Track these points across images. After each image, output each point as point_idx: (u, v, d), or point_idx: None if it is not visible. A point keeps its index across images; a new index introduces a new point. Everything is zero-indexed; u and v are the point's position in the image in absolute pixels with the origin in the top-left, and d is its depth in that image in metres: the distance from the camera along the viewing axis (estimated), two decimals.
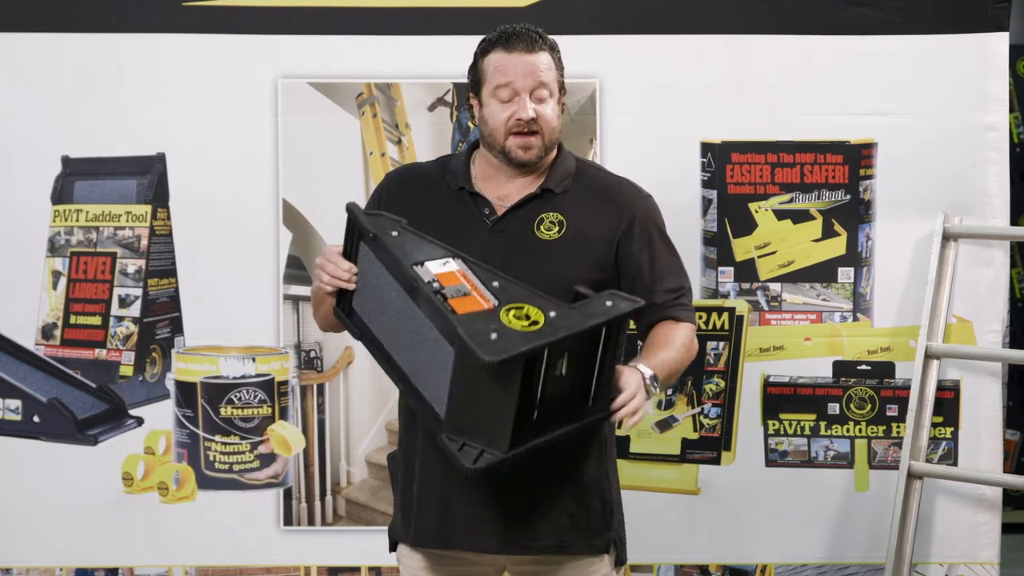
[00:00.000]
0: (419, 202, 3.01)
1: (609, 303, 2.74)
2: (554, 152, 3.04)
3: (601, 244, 2.96)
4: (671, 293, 3.00)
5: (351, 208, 2.89)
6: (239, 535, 4.17)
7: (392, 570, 3.83)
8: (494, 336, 2.65)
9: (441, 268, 2.79)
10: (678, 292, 3.02)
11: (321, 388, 4.18)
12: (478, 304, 2.72)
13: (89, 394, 4.18)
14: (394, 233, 2.83)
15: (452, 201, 3.00)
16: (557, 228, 2.96)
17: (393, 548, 3.09)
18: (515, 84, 2.94)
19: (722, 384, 4.16)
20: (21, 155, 4.12)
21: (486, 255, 2.87)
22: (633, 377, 2.80)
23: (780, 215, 4.15)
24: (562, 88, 3.03)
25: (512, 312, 2.71)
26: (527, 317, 2.70)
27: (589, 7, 4.10)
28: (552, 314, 2.70)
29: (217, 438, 4.16)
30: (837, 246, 4.16)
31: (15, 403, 4.18)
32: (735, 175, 4.14)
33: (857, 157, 4.12)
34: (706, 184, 4.14)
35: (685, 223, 4.10)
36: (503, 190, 3.00)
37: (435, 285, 2.74)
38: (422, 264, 2.78)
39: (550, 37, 3.01)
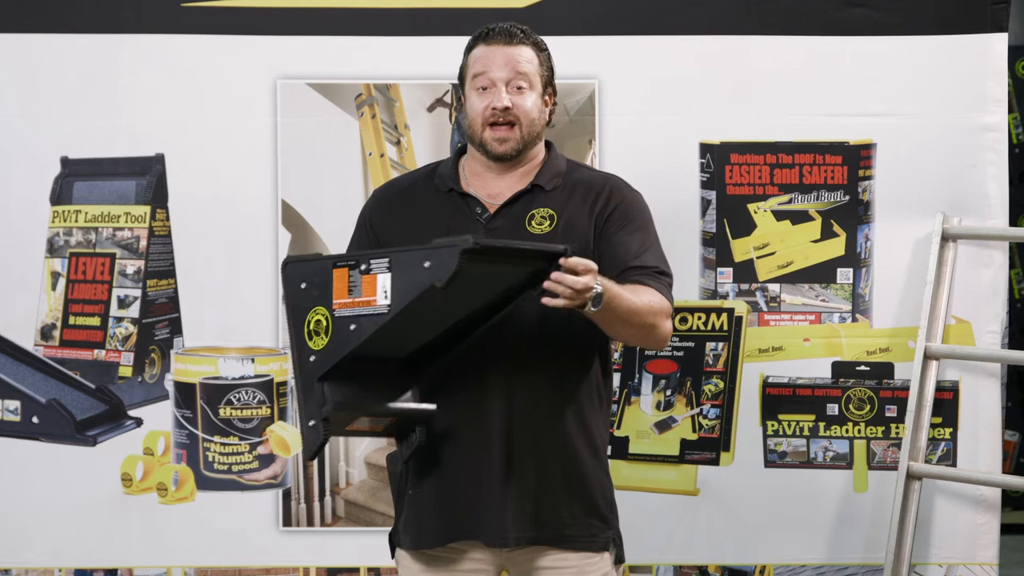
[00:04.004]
0: (409, 211, 3.02)
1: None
2: (541, 150, 3.05)
3: (589, 232, 2.96)
4: (647, 268, 2.94)
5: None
6: (238, 536, 4.16)
7: (391, 571, 3.82)
8: (304, 286, 2.79)
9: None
10: (655, 269, 2.96)
11: None
12: (343, 293, 2.75)
13: (88, 395, 4.18)
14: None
15: (443, 203, 3.02)
16: (548, 222, 2.97)
17: (393, 553, 3.09)
18: (491, 74, 2.96)
19: (721, 385, 4.16)
20: (21, 155, 4.12)
21: None
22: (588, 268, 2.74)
23: (779, 216, 4.16)
24: (549, 86, 3.03)
25: (316, 319, 2.77)
26: (315, 333, 2.77)
27: (589, 7, 4.10)
28: (312, 359, 2.76)
29: (216, 439, 4.16)
30: (836, 247, 4.16)
31: (14, 404, 4.17)
32: (734, 176, 4.14)
33: (856, 158, 4.13)
34: (705, 185, 4.14)
35: (684, 224, 4.11)
36: (493, 188, 3.01)
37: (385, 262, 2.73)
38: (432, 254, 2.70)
39: (539, 37, 3.02)
